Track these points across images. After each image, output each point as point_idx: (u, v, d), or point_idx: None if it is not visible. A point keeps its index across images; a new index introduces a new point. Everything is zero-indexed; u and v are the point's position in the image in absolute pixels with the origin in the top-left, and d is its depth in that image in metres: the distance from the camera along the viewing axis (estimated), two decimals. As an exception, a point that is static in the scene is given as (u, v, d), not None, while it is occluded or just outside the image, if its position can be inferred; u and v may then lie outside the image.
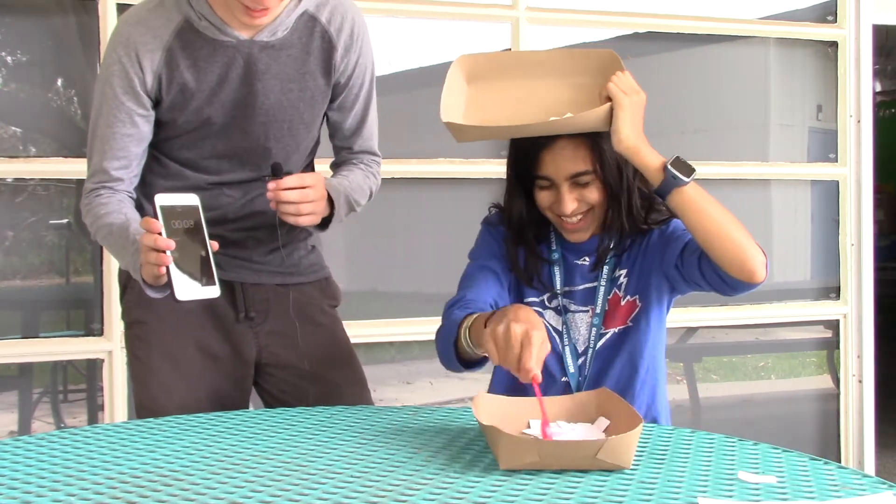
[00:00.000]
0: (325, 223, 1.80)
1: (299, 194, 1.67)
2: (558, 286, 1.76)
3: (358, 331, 2.02)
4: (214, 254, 1.56)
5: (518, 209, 1.75)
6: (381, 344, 3.24)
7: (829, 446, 3.72)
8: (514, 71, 1.76)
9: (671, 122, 3.55)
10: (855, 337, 3.71)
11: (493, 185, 3.18)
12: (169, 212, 1.52)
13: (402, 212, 3.25)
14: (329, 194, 1.76)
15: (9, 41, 3.07)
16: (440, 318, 1.67)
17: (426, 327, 3.12)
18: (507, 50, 3.17)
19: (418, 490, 1.14)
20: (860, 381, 3.70)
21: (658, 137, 1.66)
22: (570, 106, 1.67)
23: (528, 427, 1.41)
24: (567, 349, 1.74)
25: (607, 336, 1.74)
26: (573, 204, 1.68)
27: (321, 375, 1.89)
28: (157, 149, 1.81)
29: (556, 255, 1.77)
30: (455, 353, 1.59)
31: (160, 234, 1.50)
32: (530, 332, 1.34)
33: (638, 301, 1.74)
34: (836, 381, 3.77)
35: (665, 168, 1.57)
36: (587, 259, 1.76)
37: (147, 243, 1.51)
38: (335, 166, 1.95)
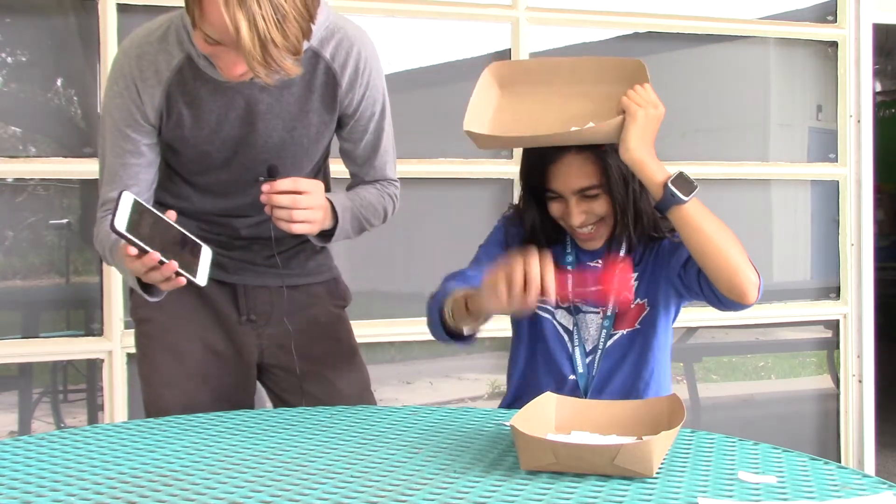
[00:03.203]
0: (328, 236, 1.76)
1: (291, 199, 1.61)
2: (570, 286, 1.77)
3: (358, 331, 2.01)
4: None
5: (531, 218, 1.79)
6: (381, 344, 3.23)
7: (829, 446, 3.72)
8: (545, 78, 1.76)
9: (671, 122, 3.52)
10: (855, 337, 3.71)
11: (493, 185, 3.19)
12: (134, 226, 1.42)
13: (403, 212, 3.25)
14: (333, 207, 1.72)
15: (9, 41, 3.07)
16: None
17: (426, 327, 3.15)
18: (539, 56, 3.15)
19: (418, 490, 1.14)
20: (860, 381, 3.70)
21: (658, 137, 1.66)
22: (593, 116, 1.67)
23: (570, 434, 1.37)
24: (577, 349, 1.75)
25: (616, 337, 1.76)
26: (581, 217, 1.71)
27: (322, 375, 1.89)
28: (169, 167, 1.80)
29: (569, 258, 1.79)
30: (441, 322, 1.64)
31: (150, 254, 1.43)
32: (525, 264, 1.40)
33: (647, 304, 1.76)
34: (836, 381, 3.77)
35: (665, 185, 1.58)
36: (599, 261, 1.78)
37: (151, 275, 1.47)
38: (350, 188, 1.90)
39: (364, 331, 3.03)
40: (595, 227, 1.73)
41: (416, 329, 3.27)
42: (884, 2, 3.68)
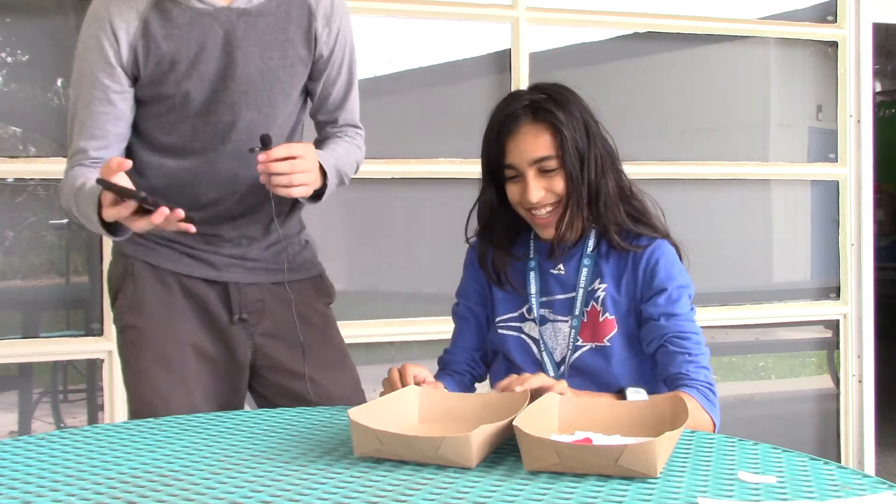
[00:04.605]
0: (317, 195, 1.77)
1: (289, 165, 1.63)
2: (533, 290, 1.77)
3: (358, 331, 2.02)
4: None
5: (488, 198, 1.77)
6: (381, 344, 3.23)
7: (829, 446, 3.72)
8: None
9: (671, 122, 3.54)
10: (855, 337, 3.71)
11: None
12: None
13: (402, 212, 3.25)
14: (321, 165, 1.73)
15: (9, 41, 3.07)
16: (440, 318, 1.68)
17: (426, 327, 3.15)
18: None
19: (418, 490, 1.14)
20: (860, 381, 3.70)
21: (658, 137, 1.65)
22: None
23: (573, 434, 1.36)
24: (545, 355, 1.74)
25: (584, 350, 1.73)
26: (540, 192, 1.68)
27: (313, 376, 1.88)
28: (141, 135, 1.79)
29: (532, 264, 1.78)
30: None
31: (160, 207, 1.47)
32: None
33: (615, 323, 1.72)
34: (836, 381, 3.77)
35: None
36: (562, 268, 1.76)
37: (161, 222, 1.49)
38: (318, 142, 1.91)
39: (364, 331, 3.04)
40: (552, 211, 1.70)
41: (416, 329, 3.29)
42: (884, 2, 3.68)
